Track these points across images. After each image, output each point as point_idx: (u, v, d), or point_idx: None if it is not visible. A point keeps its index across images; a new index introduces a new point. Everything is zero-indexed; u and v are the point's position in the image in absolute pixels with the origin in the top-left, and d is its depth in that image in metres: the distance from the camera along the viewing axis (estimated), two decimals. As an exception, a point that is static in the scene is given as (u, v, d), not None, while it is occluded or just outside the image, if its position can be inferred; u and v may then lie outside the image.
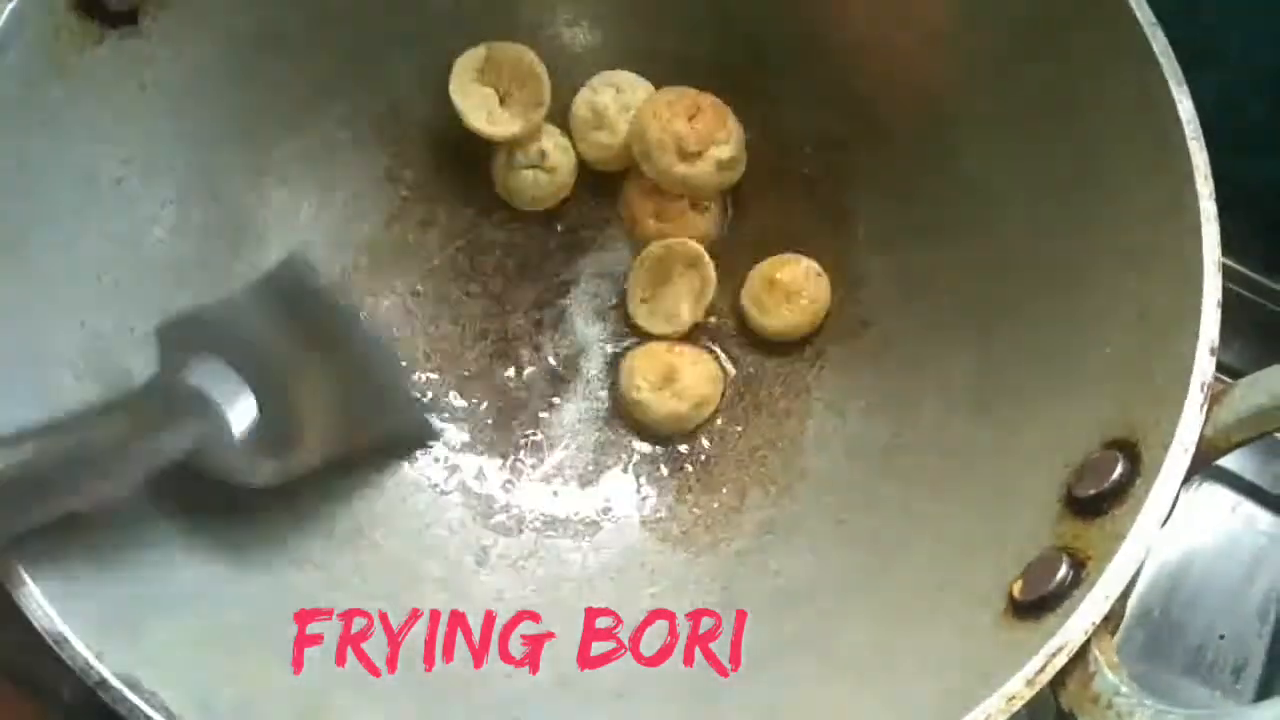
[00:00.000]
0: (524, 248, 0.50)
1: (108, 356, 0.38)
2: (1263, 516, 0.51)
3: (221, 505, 0.38)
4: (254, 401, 0.37)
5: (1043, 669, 0.30)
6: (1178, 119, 0.35)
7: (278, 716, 0.33)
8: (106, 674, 0.30)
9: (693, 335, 0.49)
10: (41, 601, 0.30)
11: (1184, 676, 0.48)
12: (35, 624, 0.30)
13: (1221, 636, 0.48)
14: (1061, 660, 0.30)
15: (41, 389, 0.35)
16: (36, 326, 0.36)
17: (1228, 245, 0.34)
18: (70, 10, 0.37)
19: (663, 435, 0.47)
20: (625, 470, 0.47)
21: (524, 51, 0.47)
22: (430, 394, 0.47)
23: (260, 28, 0.42)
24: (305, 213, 0.46)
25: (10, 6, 0.35)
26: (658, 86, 0.48)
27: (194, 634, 0.34)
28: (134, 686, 0.30)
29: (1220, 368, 0.33)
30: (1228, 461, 0.51)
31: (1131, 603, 0.48)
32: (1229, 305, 0.33)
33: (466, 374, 0.48)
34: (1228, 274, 0.34)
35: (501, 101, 0.47)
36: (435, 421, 0.47)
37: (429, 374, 0.48)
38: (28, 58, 0.36)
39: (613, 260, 0.50)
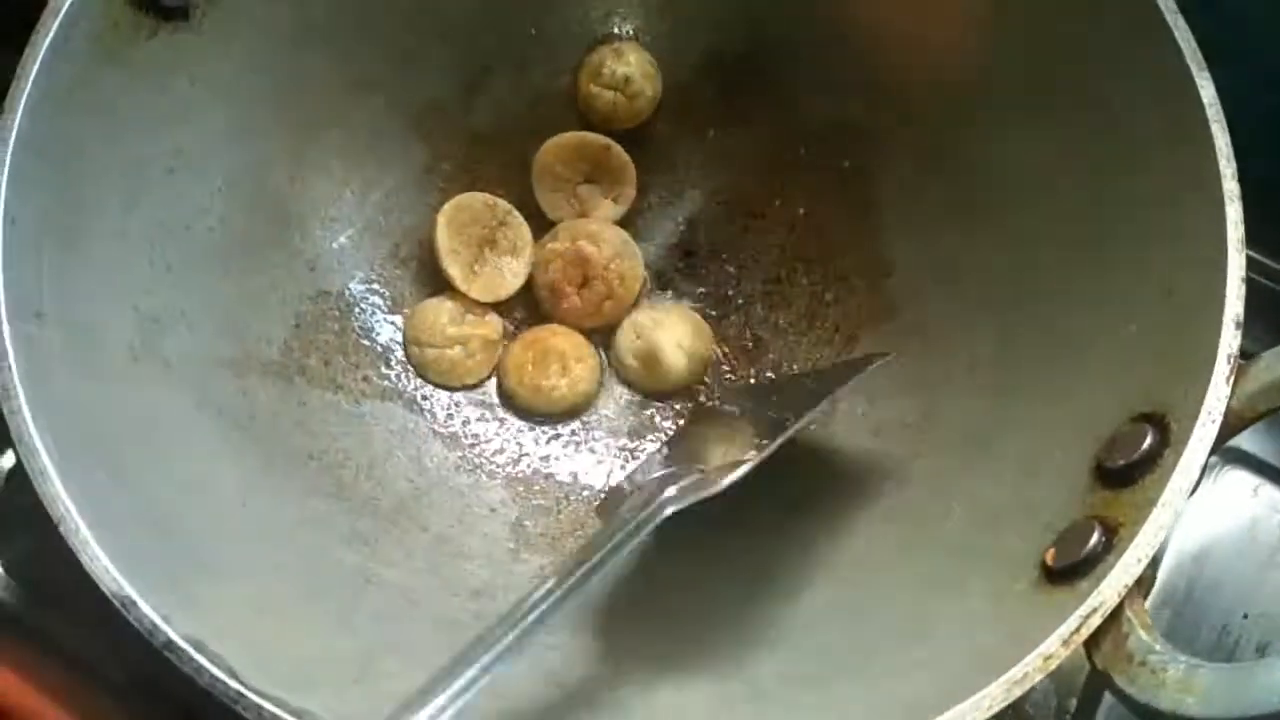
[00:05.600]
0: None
1: (160, 339, 0.39)
2: (1284, 499, 0.52)
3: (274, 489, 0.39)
4: None
5: (1078, 629, 0.31)
6: (1199, 102, 0.36)
7: (332, 678, 0.34)
8: (174, 635, 0.30)
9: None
10: (109, 566, 0.31)
11: (1208, 657, 0.49)
12: (103, 589, 0.31)
13: (1245, 616, 0.49)
14: (1096, 621, 0.31)
15: (103, 370, 0.37)
16: (93, 310, 0.37)
17: (1246, 234, 0.35)
18: (126, 4, 0.38)
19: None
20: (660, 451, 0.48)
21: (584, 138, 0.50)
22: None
23: (304, 23, 0.44)
24: (348, 202, 0.47)
25: (69, 0, 0.36)
26: (682, 87, 0.50)
27: (251, 601, 0.35)
28: (200, 647, 0.31)
29: (1239, 351, 0.34)
30: (1249, 445, 0.52)
31: (1157, 582, 0.49)
32: (1247, 292, 0.34)
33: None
34: (1246, 262, 0.35)
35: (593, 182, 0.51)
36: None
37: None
38: (85, 48, 0.37)
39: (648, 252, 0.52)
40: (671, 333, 0.48)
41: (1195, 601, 0.49)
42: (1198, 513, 0.51)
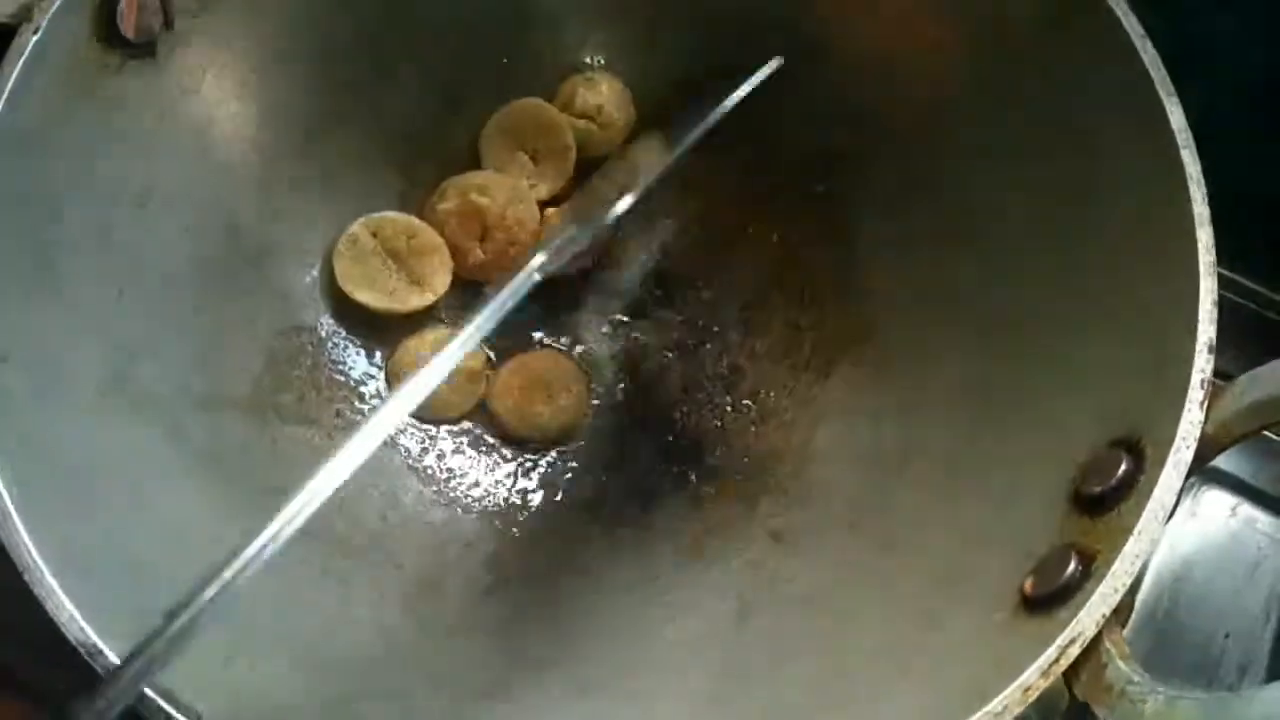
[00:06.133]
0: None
1: (129, 377, 0.39)
2: (1262, 518, 0.52)
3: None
4: None
5: (1057, 660, 0.30)
6: (1169, 127, 0.36)
7: (307, 726, 0.33)
8: (142, 685, 0.30)
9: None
10: (75, 614, 0.31)
11: (1190, 678, 0.49)
12: (70, 638, 0.31)
13: (1226, 636, 0.49)
14: (1075, 651, 0.31)
15: (70, 409, 0.36)
16: (62, 343, 0.37)
17: (1219, 253, 0.35)
18: (92, 40, 0.38)
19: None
20: (636, 482, 0.48)
21: (543, 107, 0.49)
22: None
23: (274, 57, 0.44)
24: (320, 232, 0.47)
25: (35, 38, 0.36)
26: (656, 109, 0.50)
27: (222, 646, 0.34)
28: (169, 697, 0.30)
29: (1216, 373, 0.34)
30: (1226, 464, 0.52)
31: (1137, 604, 0.49)
32: (1222, 312, 0.34)
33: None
34: (1220, 281, 0.35)
35: (534, 160, 0.50)
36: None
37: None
38: (52, 85, 0.37)
39: (610, 280, 0.51)
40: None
41: (1176, 622, 0.49)
42: (1177, 533, 0.51)
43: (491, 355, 0.50)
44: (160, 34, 0.40)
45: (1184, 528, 0.51)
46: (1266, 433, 0.35)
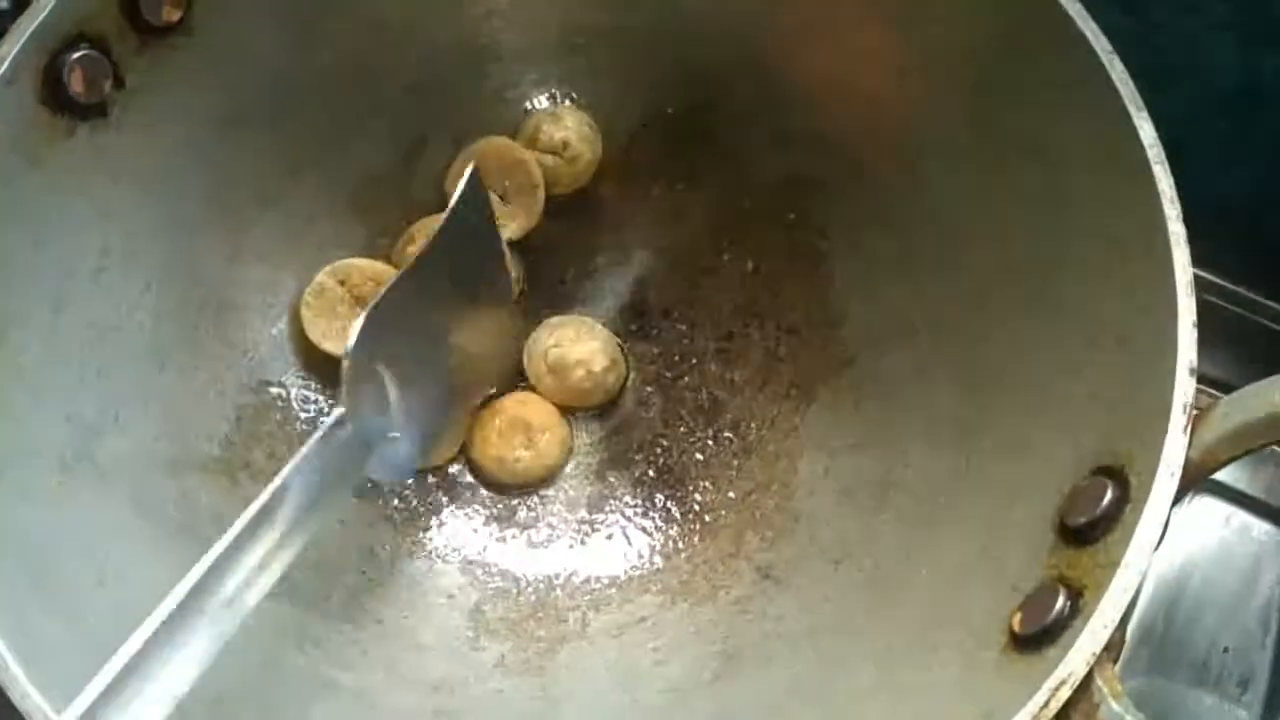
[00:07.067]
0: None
1: (93, 447, 0.38)
2: (1257, 525, 0.51)
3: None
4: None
5: (1047, 704, 0.30)
6: (1141, 144, 0.35)
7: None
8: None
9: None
10: (42, 704, 0.30)
11: (1191, 689, 0.48)
12: (32, 726, 0.30)
13: (1225, 649, 0.48)
14: (1065, 693, 0.30)
15: (32, 486, 0.35)
16: (20, 421, 0.36)
17: (1199, 257, 0.34)
18: (40, 105, 0.37)
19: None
20: (620, 523, 0.47)
21: (509, 144, 0.48)
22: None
23: (230, 110, 0.42)
24: (287, 287, 0.46)
25: (-24, 112, 0.35)
26: (623, 147, 0.49)
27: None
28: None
29: (1200, 378, 0.33)
30: (1218, 473, 0.51)
31: (1134, 619, 0.49)
32: (1204, 316, 0.33)
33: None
34: (1201, 285, 0.34)
35: (502, 199, 0.49)
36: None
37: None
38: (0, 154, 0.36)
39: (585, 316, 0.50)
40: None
41: (1174, 636, 0.49)
42: (1171, 545, 0.50)
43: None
44: (111, 92, 0.39)
45: (1178, 539, 0.51)
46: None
